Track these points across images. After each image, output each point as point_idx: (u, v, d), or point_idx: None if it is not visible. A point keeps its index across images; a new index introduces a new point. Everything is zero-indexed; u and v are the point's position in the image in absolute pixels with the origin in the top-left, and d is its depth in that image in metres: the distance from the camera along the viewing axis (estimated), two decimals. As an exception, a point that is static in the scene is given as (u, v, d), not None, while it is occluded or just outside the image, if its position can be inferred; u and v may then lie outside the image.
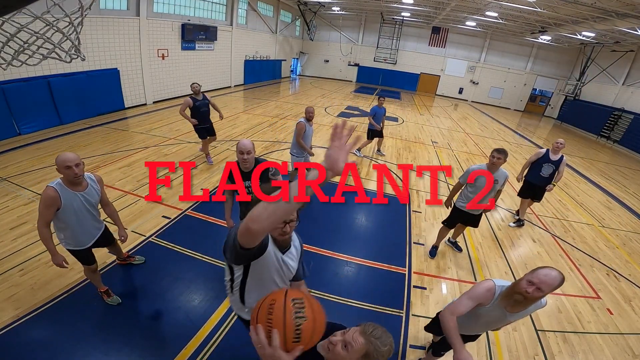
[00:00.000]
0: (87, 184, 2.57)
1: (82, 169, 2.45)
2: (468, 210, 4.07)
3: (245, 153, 2.85)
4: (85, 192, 2.55)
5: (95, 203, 2.67)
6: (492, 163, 3.68)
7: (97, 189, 2.67)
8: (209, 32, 13.61)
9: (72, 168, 2.35)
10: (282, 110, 12.89)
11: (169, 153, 7.03)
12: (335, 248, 4.37)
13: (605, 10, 10.83)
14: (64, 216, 2.49)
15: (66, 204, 2.44)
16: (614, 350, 3.31)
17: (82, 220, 2.61)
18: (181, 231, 4.34)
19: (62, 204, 2.42)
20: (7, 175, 5.25)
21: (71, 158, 2.35)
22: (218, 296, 3.33)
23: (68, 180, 2.42)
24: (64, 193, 2.42)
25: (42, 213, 2.40)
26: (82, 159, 2.48)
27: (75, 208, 2.51)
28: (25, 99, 7.18)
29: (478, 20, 17.87)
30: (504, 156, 3.61)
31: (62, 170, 2.36)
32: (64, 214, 2.47)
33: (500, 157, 3.60)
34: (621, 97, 16.51)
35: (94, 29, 8.66)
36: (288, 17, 22.59)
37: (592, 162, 11.66)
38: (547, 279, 1.77)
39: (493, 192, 3.90)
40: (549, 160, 5.14)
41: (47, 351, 2.59)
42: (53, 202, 2.38)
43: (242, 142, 2.88)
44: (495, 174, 3.76)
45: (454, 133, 12.90)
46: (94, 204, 2.67)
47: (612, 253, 5.30)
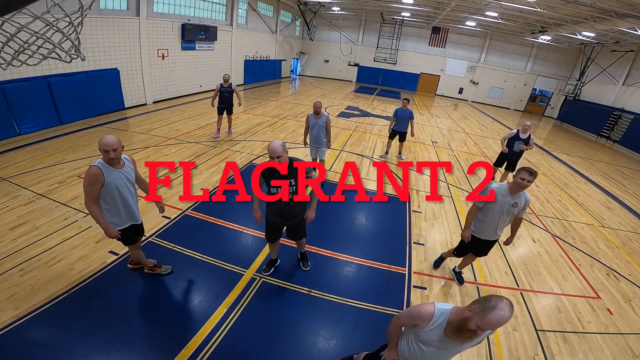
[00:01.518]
0: (124, 164, 2.77)
1: (119, 153, 2.64)
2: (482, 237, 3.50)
3: (275, 158, 2.76)
4: (123, 170, 2.75)
5: (133, 180, 2.87)
6: (518, 185, 3.02)
7: (132, 168, 2.87)
8: (209, 32, 13.61)
9: (109, 152, 2.55)
10: (282, 110, 12.89)
11: (169, 153, 7.03)
12: (335, 248, 4.37)
13: (605, 10, 10.83)
14: (108, 193, 2.67)
15: (109, 180, 2.62)
16: (614, 350, 3.31)
17: (124, 196, 2.79)
18: (181, 231, 4.34)
19: (106, 181, 2.61)
20: (7, 175, 5.25)
21: (110, 142, 2.55)
22: (218, 296, 3.33)
23: (107, 160, 2.62)
24: (106, 171, 2.61)
25: (88, 191, 2.59)
26: (82, 159, 2.49)
27: (118, 184, 2.70)
28: (25, 99, 7.17)
29: (478, 20, 17.87)
30: (534, 178, 3.01)
31: (108, 152, 2.56)
32: (108, 190, 2.65)
33: (530, 180, 2.98)
34: (621, 97, 16.51)
35: (94, 29, 8.66)
36: (288, 17, 22.59)
37: (592, 162, 11.66)
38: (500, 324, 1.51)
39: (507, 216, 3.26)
40: (519, 138, 6.42)
41: (47, 351, 2.59)
42: (97, 179, 2.56)
43: (271, 147, 2.76)
44: (513, 197, 3.16)
45: (454, 133, 12.90)
46: (132, 182, 2.87)
47: (612, 253, 5.30)
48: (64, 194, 4.88)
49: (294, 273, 3.81)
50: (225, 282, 3.53)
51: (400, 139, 8.09)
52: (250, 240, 4.36)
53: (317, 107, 5.45)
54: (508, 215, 3.27)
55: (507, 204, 3.19)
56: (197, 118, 10.18)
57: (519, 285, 4.17)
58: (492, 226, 3.37)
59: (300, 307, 3.36)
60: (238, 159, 7.16)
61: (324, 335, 3.08)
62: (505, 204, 3.19)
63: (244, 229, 4.55)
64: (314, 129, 5.61)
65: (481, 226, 3.44)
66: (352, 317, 3.31)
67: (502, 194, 3.19)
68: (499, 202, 3.20)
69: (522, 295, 3.98)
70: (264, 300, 3.38)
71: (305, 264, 3.87)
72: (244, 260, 3.90)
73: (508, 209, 3.21)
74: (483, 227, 3.43)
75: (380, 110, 15.46)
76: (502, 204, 3.20)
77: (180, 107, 11.40)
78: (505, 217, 3.29)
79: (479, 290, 3.96)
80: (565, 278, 4.44)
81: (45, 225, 4.12)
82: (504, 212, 3.23)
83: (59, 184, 5.15)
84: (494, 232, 3.42)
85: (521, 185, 3.00)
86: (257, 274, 3.72)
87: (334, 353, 2.90)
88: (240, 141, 8.39)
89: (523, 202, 3.20)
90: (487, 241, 3.54)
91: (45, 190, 4.92)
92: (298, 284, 3.64)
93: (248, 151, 7.67)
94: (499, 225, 3.35)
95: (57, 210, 4.46)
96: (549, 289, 4.18)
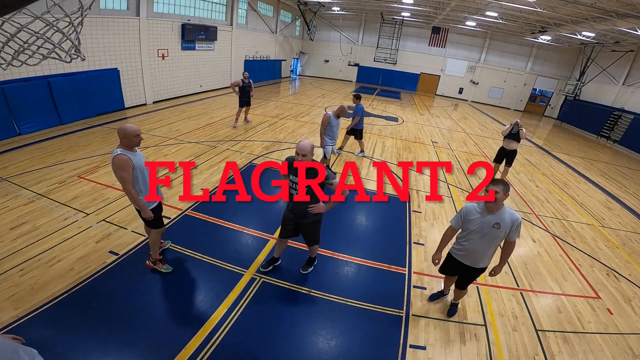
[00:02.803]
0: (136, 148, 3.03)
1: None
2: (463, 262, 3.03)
3: (301, 155, 2.89)
4: (138, 153, 3.01)
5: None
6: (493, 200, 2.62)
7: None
8: (209, 32, 13.61)
9: (139, 136, 2.89)
10: (282, 110, 12.89)
11: (169, 153, 7.02)
12: (335, 248, 4.37)
13: (605, 10, 10.83)
14: (134, 175, 2.90)
15: (136, 163, 2.88)
16: (614, 350, 3.31)
17: (145, 175, 3.04)
18: (181, 231, 4.34)
19: (134, 164, 2.85)
20: (7, 175, 5.25)
21: (137, 128, 2.88)
22: (218, 296, 3.33)
23: (131, 146, 2.87)
24: (130, 155, 2.85)
25: (125, 177, 2.82)
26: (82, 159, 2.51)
27: (141, 166, 2.97)
28: (25, 99, 7.17)
29: (478, 20, 17.87)
30: (502, 189, 2.60)
31: (131, 139, 2.82)
32: (137, 173, 2.90)
33: (499, 191, 2.58)
34: (621, 97, 16.51)
35: (94, 29, 8.65)
36: (288, 17, 22.59)
37: (592, 162, 11.66)
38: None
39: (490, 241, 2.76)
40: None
41: (47, 351, 2.57)
42: (128, 163, 2.80)
43: (301, 145, 2.91)
44: (493, 215, 2.69)
45: (454, 133, 12.90)
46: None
47: (612, 253, 5.30)
48: (64, 194, 4.88)
49: (294, 273, 3.81)
50: (225, 282, 3.53)
51: (361, 136, 7.90)
52: (250, 240, 4.36)
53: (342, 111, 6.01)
54: (491, 239, 2.75)
55: (486, 224, 2.71)
56: (197, 118, 10.18)
57: (519, 285, 4.17)
58: (472, 252, 2.91)
59: (300, 307, 3.36)
60: (238, 159, 7.16)
61: (324, 335, 3.07)
62: (483, 225, 2.72)
63: (244, 229, 4.55)
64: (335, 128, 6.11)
65: (462, 249, 2.98)
66: (352, 317, 3.31)
67: (476, 213, 2.75)
68: (475, 222, 2.76)
69: (522, 295, 3.98)
70: (264, 300, 3.38)
71: (306, 267, 3.85)
72: (244, 260, 3.90)
73: (488, 231, 2.71)
74: (463, 251, 2.97)
75: (380, 110, 15.45)
76: (480, 225, 2.73)
77: (180, 107, 11.40)
78: (487, 242, 2.77)
79: (479, 290, 3.96)
80: (565, 278, 4.44)
81: (45, 225, 4.12)
82: (483, 235, 2.74)
83: (59, 184, 5.15)
84: (474, 259, 2.94)
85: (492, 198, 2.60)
86: (257, 274, 3.72)
87: (334, 353, 2.90)
88: (240, 141, 8.38)
89: (509, 223, 2.66)
90: (470, 267, 3.03)
91: (45, 190, 4.92)
92: (298, 284, 3.64)
93: (248, 151, 7.67)
94: (481, 252, 2.86)
95: (57, 210, 4.46)
96: (549, 289, 4.18)
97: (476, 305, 3.71)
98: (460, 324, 3.42)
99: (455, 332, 3.29)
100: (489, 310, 3.64)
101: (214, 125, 9.50)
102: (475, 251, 2.88)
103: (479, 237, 2.79)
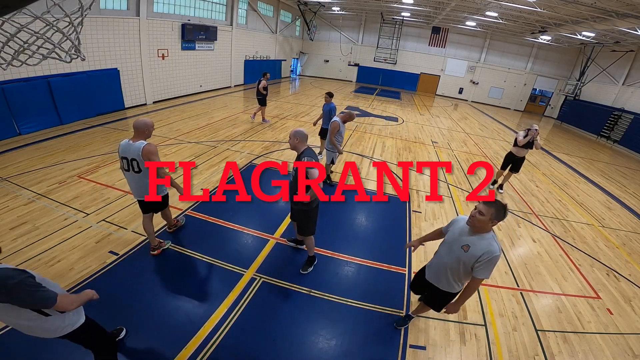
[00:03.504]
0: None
1: None
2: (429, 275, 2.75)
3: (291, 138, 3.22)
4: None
5: None
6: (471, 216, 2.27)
7: None
8: (209, 32, 13.61)
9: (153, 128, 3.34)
10: (282, 110, 12.89)
11: (169, 153, 7.02)
12: (335, 248, 4.37)
13: (605, 10, 10.83)
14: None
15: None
16: (614, 350, 3.31)
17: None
18: (181, 231, 4.34)
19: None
20: (7, 175, 5.25)
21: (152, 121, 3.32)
22: (218, 296, 3.33)
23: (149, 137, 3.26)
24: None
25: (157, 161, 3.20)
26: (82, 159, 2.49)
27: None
28: (25, 99, 7.17)
29: (478, 20, 17.87)
30: (492, 214, 2.15)
31: (150, 130, 3.25)
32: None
33: (482, 212, 2.17)
34: (621, 97, 16.51)
35: (94, 29, 8.65)
36: (288, 17, 22.59)
37: (592, 162, 11.66)
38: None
39: (456, 263, 2.38)
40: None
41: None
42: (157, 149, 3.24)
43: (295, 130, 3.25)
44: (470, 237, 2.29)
45: (454, 133, 12.90)
46: None
47: (612, 253, 5.30)
48: (64, 194, 4.88)
49: (294, 273, 3.81)
50: (225, 282, 3.53)
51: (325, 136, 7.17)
52: (250, 240, 4.36)
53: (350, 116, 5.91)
54: (456, 261, 2.38)
55: (457, 242, 2.37)
56: (197, 118, 10.18)
57: (519, 285, 4.17)
58: (435, 265, 2.66)
59: (300, 307, 3.36)
60: (238, 159, 7.16)
61: (324, 335, 3.08)
62: (455, 241, 2.40)
63: (244, 229, 4.55)
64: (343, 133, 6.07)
65: (431, 260, 2.77)
66: (352, 317, 3.31)
67: (459, 226, 2.44)
68: (452, 234, 2.48)
69: (522, 295, 3.99)
70: (264, 300, 3.38)
71: (305, 267, 3.86)
72: (244, 260, 3.91)
73: (456, 249, 2.36)
74: (432, 261, 2.75)
75: (380, 110, 15.45)
76: (452, 240, 2.44)
77: (180, 107, 11.40)
78: (450, 262, 2.43)
79: (479, 290, 3.96)
80: (565, 278, 4.44)
81: (45, 225, 4.12)
82: (450, 251, 2.44)
83: (59, 184, 5.15)
84: (436, 275, 2.64)
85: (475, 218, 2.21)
86: (257, 274, 3.72)
87: (334, 353, 2.90)
88: (240, 141, 8.38)
89: (480, 252, 2.21)
90: (432, 285, 2.71)
91: (45, 190, 4.92)
92: (298, 284, 3.64)
93: (248, 151, 7.67)
94: (442, 269, 2.53)
95: (57, 210, 4.46)
96: (549, 289, 4.18)
97: (476, 305, 3.71)
98: (460, 324, 3.42)
99: (455, 332, 3.30)
100: (489, 310, 3.65)
101: (214, 125, 9.49)
102: (438, 266, 2.60)
103: (446, 252, 2.50)
